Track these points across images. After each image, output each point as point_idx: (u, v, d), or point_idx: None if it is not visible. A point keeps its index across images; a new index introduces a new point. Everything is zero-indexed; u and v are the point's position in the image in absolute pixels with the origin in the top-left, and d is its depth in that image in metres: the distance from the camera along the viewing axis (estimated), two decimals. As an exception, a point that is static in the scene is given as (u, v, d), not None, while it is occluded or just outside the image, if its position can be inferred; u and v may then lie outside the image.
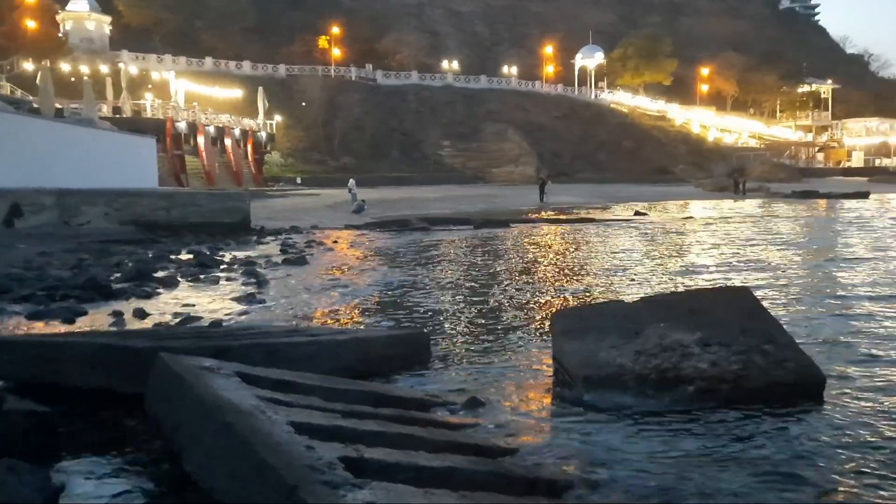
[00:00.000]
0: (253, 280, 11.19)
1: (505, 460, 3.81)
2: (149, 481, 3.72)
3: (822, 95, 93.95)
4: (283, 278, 11.77)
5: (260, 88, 56.78)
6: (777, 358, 5.31)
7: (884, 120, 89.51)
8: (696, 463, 4.00)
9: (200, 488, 3.34)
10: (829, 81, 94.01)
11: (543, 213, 31.75)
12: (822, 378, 5.24)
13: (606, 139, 72.41)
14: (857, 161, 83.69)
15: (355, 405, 4.20)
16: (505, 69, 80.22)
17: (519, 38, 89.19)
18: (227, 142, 49.70)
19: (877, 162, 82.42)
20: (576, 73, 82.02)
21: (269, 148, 57.18)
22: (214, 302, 9.37)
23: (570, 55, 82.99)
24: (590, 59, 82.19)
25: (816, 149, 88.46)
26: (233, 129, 50.90)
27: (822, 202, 41.41)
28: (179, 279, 11.37)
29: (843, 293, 9.90)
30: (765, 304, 6.55)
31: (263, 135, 55.62)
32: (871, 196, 44.95)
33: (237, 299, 9.48)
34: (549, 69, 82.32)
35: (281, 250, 16.17)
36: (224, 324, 7.36)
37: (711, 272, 12.23)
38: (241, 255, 15.21)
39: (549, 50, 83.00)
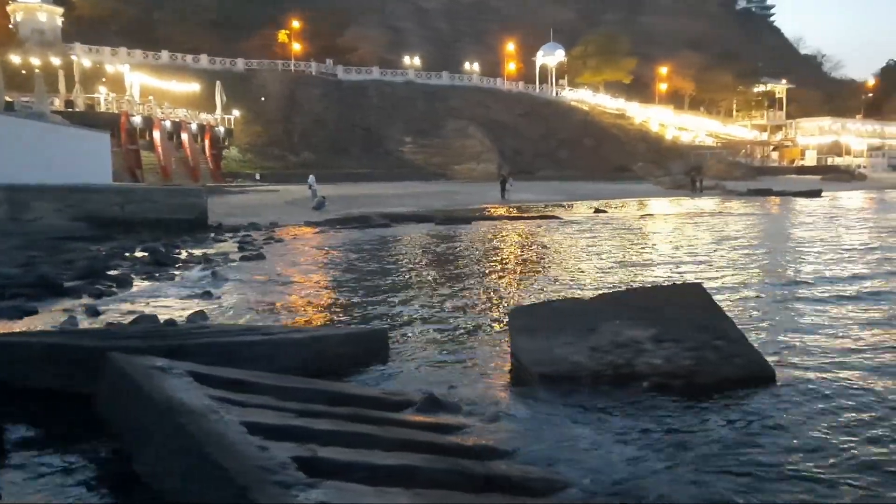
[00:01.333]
0: (209, 278, 11.05)
1: (462, 458, 3.82)
2: (98, 483, 3.65)
3: (777, 95, 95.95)
4: (240, 276, 11.63)
5: (218, 83, 55.93)
6: (728, 353, 5.43)
7: (836, 119, 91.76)
8: (650, 458, 4.06)
9: (151, 489, 3.30)
10: (784, 81, 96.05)
11: (505, 211, 31.90)
12: (772, 373, 5.37)
13: (567, 137, 72.97)
14: (810, 160, 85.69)
15: (311, 404, 4.17)
16: (467, 66, 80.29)
17: (481, 35, 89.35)
18: (184, 137, 48.86)
19: (829, 161, 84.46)
20: (537, 70, 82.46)
21: (227, 143, 56.37)
22: (169, 300, 9.23)
23: (531, 52, 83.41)
24: (550, 57, 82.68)
25: (771, 147, 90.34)
26: (190, 123, 50.07)
27: (777, 200, 42.32)
28: (134, 277, 11.17)
29: (793, 289, 10.13)
30: (717, 299, 6.68)
31: (221, 130, 54.82)
32: (824, 194, 46.08)
33: (192, 297, 9.36)
34: (511, 66, 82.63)
35: (239, 247, 15.98)
36: (178, 322, 7.25)
37: (667, 268, 12.42)
38: (197, 252, 14.99)
39: (510, 47, 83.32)
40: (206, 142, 52.55)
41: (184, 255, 14.41)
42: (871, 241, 17.09)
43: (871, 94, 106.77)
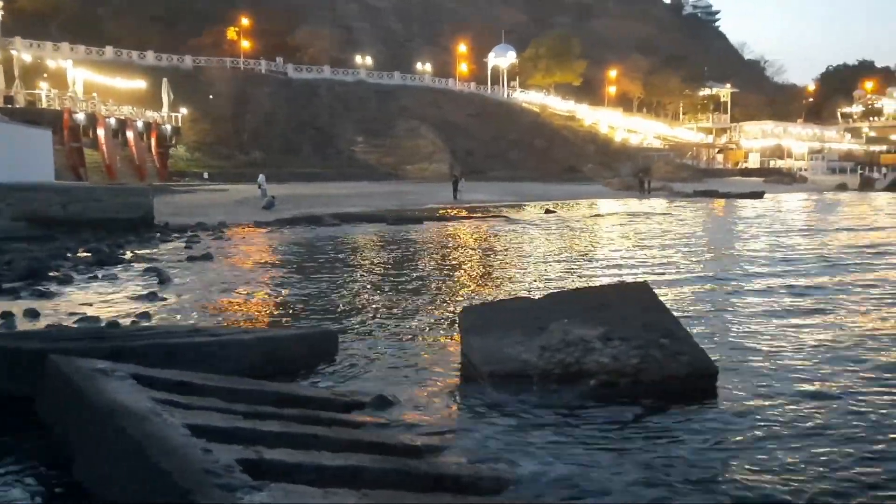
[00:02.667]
0: (155, 278, 10.82)
1: (411, 458, 3.82)
2: (37, 488, 3.55)
3: (722, 99, 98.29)
4: (186, 276, 11.42)
5: (165, 80, 54.81)
6: (673, 351, 5.52)
7: (778, 123, 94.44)
8: (597, 455, 4.11)
9: (92, 494, 3.21)
10: (728, 85, 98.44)
11: (456, 211, 31.98)
12: (715, 369, 5.48)
13: (518, 138, 73.48)
14: (753, 162, 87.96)
15: (258, 406, 4.12)
16: (419, 66, 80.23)
17: (433, 36, 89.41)
18: (130, 135, 47.73)
19: (771, 163, 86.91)
20: (488, 71, 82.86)
21: (174, 141, 55.26)
22: (113, 301, 9.01)
23: (482, 53, 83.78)
24: (502, 59, 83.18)
25: (716, 150, 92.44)
26: (135, 121, 48.94)
27: (721, 201, 43.31)
28: (76, 278, 10.88)
29: (737, 286, 10.38)
30: (664, 298, 6.81)
31: (168, 128, 53.73)
32: (766, 196, 47.35)
33: (137, 298, 9.15)
34: (463, 67, 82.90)
35: (185, 247, 15.69)
36: (122, 324, 7.08)
37: (615, 268, 12.61)
38: (143, 252, 14.68)
39: (462, 48, 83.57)
40: (153, 140, 51.46)
41: (128, 255, 14.10)
42: (810, 240, 17.62)
43: (811, 99, 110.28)
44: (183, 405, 3.75)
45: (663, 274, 11.75)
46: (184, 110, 57.71)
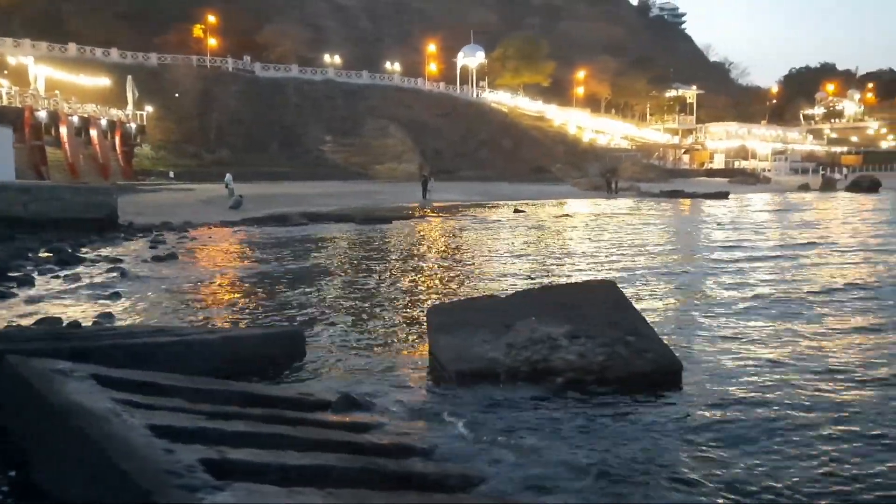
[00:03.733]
0: (118, 278, 10.66)
1: (378, 456, 3.80)
2: (-6, 493, 3.47)
3: (688, 100, 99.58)
4: (151, 276, 11.26)
5: (129, 77, 53.96)
6: (639, 348, 5.58)
7: (742, 125, 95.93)
8: (564, 453, 4.13)
9: (50, 497, 3.15)
10: (694, 87, 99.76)
11: (425, 211, 31.96)
12: (679, 366, 5.55)
13: (488, 138, 73.65)
14: (718, 163, 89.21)
15: (223, 406, 4.07)
16: (388, 65, 80.00)
17: (402, 35, 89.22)
18: (93, 133, 46.91)
19: (736, 164, 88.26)
20: (458, 71, 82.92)
21: (139, 140, 54.42)
22: (74, 301, 8.85)
23: (452, 53, 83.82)
24: (471, 59, 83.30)
25: (683, 151, 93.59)
26: (99, 119, 48.12)
27: (687, 201, 43.85)
28: (37, 278, 10.67)
29: (702, 284, 10.52)
30: (629, 296, 6.87)
31: (133, 126, 52.90)
32: (731, 196, 48.05)
33: (100, 298, 9.00)
34: (432, 67, 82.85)
35: (150, 247, 15.47)
36: (84, 324, 6.96)
37: (582, 266, 12.70)
38: (106, 252, 14.44)
39: (431, 48, 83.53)
40: (117, 138, 50.66)
41: (91, 255, 13.85)
42: (773, 238, 17.92)
43: (774, 101, 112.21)
44: (145, 406, 3.69)
45: (629, 272, 11.86)
46: (149, 108, 56.89)
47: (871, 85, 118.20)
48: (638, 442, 4.30)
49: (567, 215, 29.31)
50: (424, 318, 6.79)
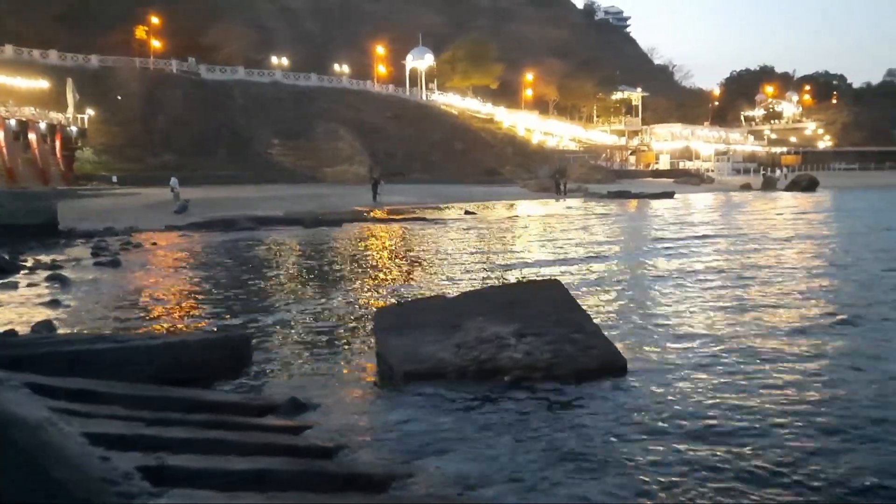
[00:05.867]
0: (57, 285, 10.36)
1: (322, 459, 3.78)
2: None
3: (634, 102, 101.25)
4: (92, 282, 10.98)
5: (69, 80, 52.47)
6: (584, 345, 5.67)
7: (686, 126, 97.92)
8: (510, 448, 4.17)
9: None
10: (639, 89, 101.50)
11: (376, 213, 31.84)
12: (624, 362, 5.65)
13: (438, 140, 73.70)
14: (664, 164, 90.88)
15: (164, 412, 4.00)
16: (336, 67, 79.43)
17: (350, 37, 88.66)
18: (32, 137, 45.48)
19: (681, 164, 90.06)
20: (407, 74, 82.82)
21: (80, 144, 52.93)
22: (11, 309, 8.57)
23: (401, 56, 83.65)
24: (420, 61, 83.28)
25: (629, 152, 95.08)
26: (38, 122, 46.68)
27: (634, 202, 44.60)
28: (-29, 286, 10.30)
29: (645, 282, 10.72)
30: (575, 294, 6.96)
31: (74, 129, 51.46)
32: (676, 196, 49.04)
33: (38, 306, 8.75)
34: (381, 69, 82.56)
35: (92, 253, 15.07)
36: (22, 332, 6.74)
37: (530, 265, 12.81)
38: (45, 258, 14.03)
39: (380, 50, 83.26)
40: (57, 142, 49.21)
41: (30, 262, 13.44)
42: (714, 235, 18.35)
43: (717, 103, 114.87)
44: (82, 414, 3.61)
45: (576, 270, 12.02)
46: (90, 111, 55.41)
47: (808, 87, 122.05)
48: (584, 436, 4.36)
49: (517, 216, 29.54)
50: (373, 320, 6.76)
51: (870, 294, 9.38)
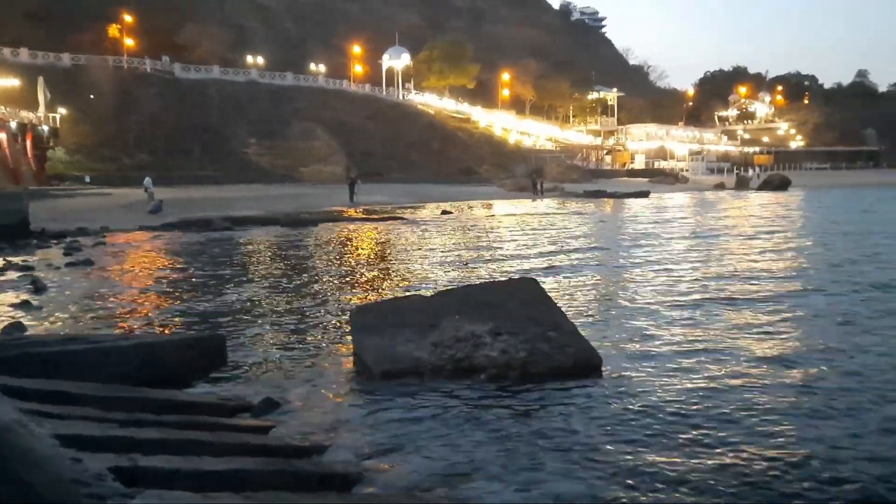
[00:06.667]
0: (30, 286, 10.21)
1: (297, 458, 3.77)
2: None
3: (609, 102, 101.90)
4: (65, 284, 10.84)
5: (40, 78, 51.69)
6: (560, 344, 5.70)
7: (661, 126, 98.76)
8: (484, 446, 4.19)
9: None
10: (615, 90, 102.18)
11: (353, 213, 31.75)
12: (599, 360, 5.69)
13: (415, 140, 73.60)
14: (639, 163, 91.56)
15: (137, 413, 3.97)
16: (313, 67, 79.04)
17: (326, 37, 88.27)
18: (2, 136, 44.79)
19: (656, 164, 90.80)
20: (383, 73, 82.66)
21: (52, 143, 52.19)
22: (-19, 312, 8.44)
23: (377, 55, 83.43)
24: (397, 61, 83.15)
25: (605, 152, 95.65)
26: (8, 122, 45.99)
27: (610, 201, 44.87)
28: (-61, 288, 10.13)
29: (620, 281, 10.80)
30: (551, 293, 6.99)
31: (46, 129, 50.71)
32: (651, 195, 49.45)
33: (10, 307, 8.62)
34: (358, 69, 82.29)
35: (64, 254, 14.89)
36: (-9, 335, 6.65)
37: (506, 264, 12.84)
38: (17, 260, 13.82)
39: (356, 49, 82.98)
40: (28, 142, 48.47)
41: (1, 263, 13.23)
42: (689, 235, 18.53)
43: (691, 103, 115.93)
44: (54, 415, 3.57)
45: (552, 269, 12.08)
46: (63, 111, 54.64)
47: (780, 88, 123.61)
48: (559, 433, 4.39)
49: (493, 215, 29.61)
50: (349, 320, 6.75)
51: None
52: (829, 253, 14.47)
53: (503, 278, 9.55)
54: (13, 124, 46.66)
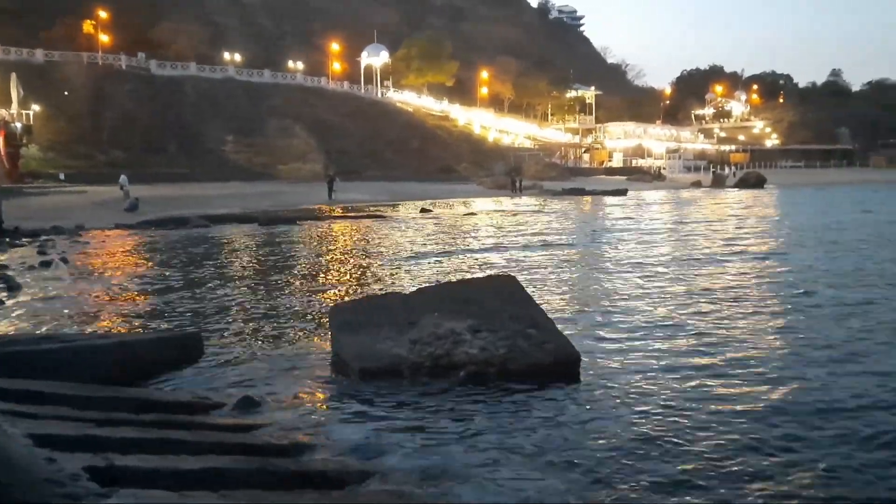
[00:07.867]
0: (2, 286, 10.06)
1: (275, 456, 3.75)
2: None
3: (587, 101, 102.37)
4: (39, 283, 10.69)
5: (13, 74, 50.88)
6: (539, 340, 5.72)
7: (639, 124, 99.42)
8: (462, 442, 4.19)
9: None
10: (593, 88, 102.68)
11: (332, 210, 31.62)
12: (577, 356, 5.71)
13: (394, 138, 73.42)
14: (617, 161, 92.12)
15: (113, 412, 3.92)
16: (291, 64, 78.55)
17: (305, 34, 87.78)
18: (-26, 133, 44.11)
19: (634, 162, 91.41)
20: (362, 71, 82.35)
21: (25, 141, 51.44)
22: (-48, 311, 8.31)
23: (355, 53, 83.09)
24: (375, 58, 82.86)
25: (583, 150, 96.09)
26: (-20, 119, 45.26)
27: (588, 199, 45.12)
28: None
29: (599, 278, 10.85)
30: (529, 289, 7.02)
31: (18, 126, 49.94)
32: (629, 193, 49.78)
33: (-19, 307, 8.48)
34: (336, 66, 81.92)
35: (38, 253, 14.68)
36: (-37, 334, 6.54)
37: (486, 261, 12.87)
38: (-11, 258, 13.62)
39: (335, 47, 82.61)
40: (1, 139, 47.76)
41: (-28, 262, 13.03)
42: (667, 232, 18.68)
43: (668, 101, 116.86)
44: (28, 415, 3.53)
45: (531, 266, 12.12)
46: (36, 107, 53.85)
47: (755, 86, 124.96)
48: (537, 429, 4.41)
49: (472, 213, 29.63)
50: (328, 318, 6.73)
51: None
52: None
53: (482, 275, 9.56)
54: (-15, 121, 45.91)
